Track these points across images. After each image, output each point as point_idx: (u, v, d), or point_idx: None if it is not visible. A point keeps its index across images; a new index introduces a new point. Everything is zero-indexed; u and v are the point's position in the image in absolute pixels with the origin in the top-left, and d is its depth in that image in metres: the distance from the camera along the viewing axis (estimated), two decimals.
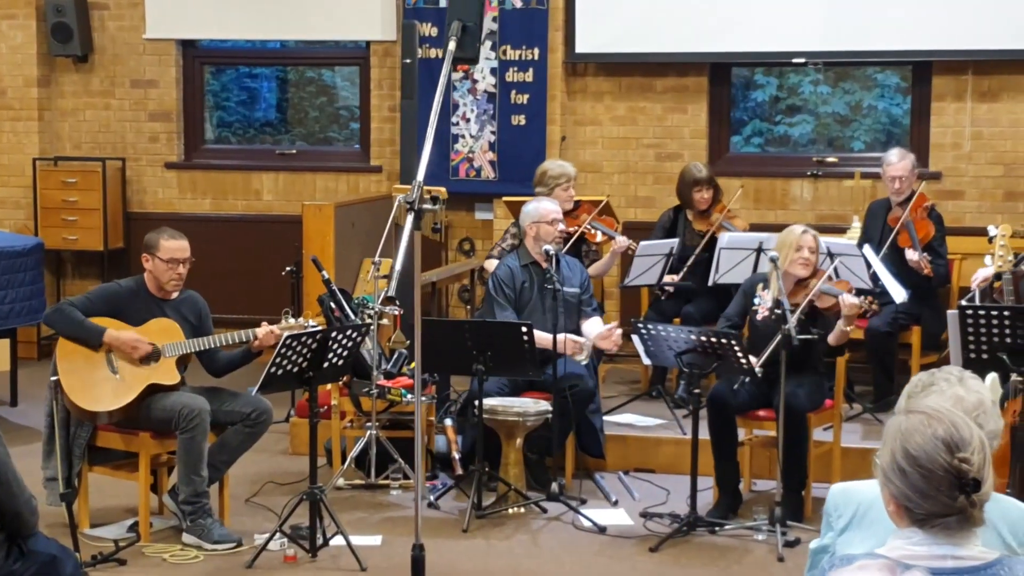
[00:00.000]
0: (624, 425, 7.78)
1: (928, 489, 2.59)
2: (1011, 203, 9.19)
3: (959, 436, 2.61)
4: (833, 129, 10.32)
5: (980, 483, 2.58)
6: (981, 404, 3.34)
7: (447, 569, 5.96)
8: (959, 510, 2.58)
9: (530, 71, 9.73)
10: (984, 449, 2.63)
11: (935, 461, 2.58)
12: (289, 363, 5.89)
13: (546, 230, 7.18)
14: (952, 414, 2.67)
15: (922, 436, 2.62)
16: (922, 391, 3.41)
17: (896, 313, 7.66)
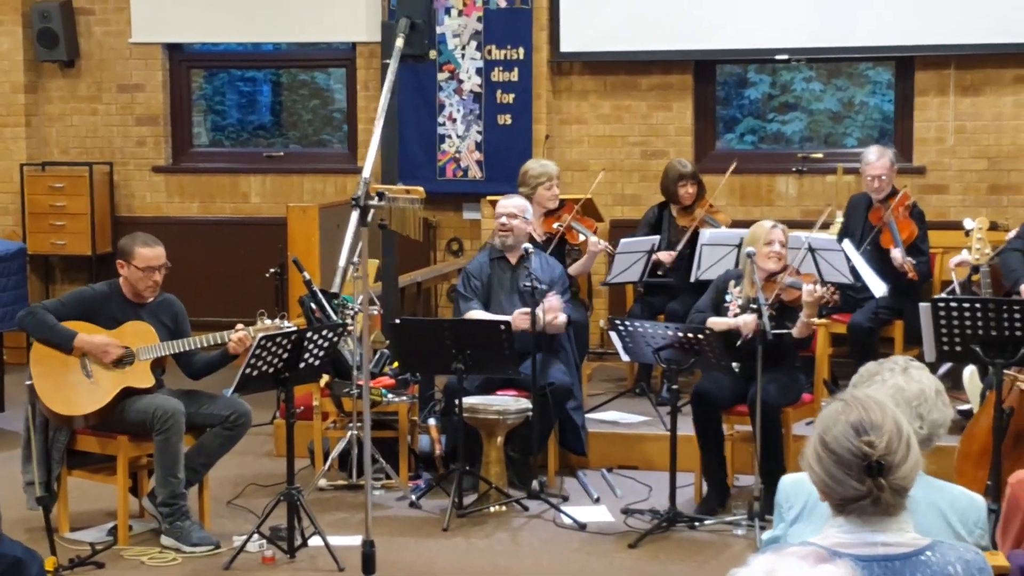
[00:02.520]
0: (608, 422, 7.79)
1: (839, 473, 2.62)
2: (995, 197, 9.19)
3: (868, 420, 2.63)
4: (826, 126, 10.32)
5: (887, 467, 2.60)
6: (922, 394, 3.36)
7: (425, 568, 5.97)
8: (867, 494, 2.60)
9: (515, 71, 9.75)
10: (900, 435, 2.64)
11: (843, 445, 2.62)
12: (264, 364, 5.90)
13: (495, 225, 7.21)
14: (869, 400, 2.70)
15: (836, 422, 2.65)
16: (867, 380, 3.43)
17: (877, 307, 7.66)
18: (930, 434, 3.37)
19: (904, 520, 2.70)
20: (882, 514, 2.65)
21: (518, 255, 7.21)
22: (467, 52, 9.79)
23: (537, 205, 7.98)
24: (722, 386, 6.58)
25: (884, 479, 2.61)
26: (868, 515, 2.65)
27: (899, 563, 2.65)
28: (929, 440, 3.39)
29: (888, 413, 2.69)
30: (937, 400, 3.38)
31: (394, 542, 6.28)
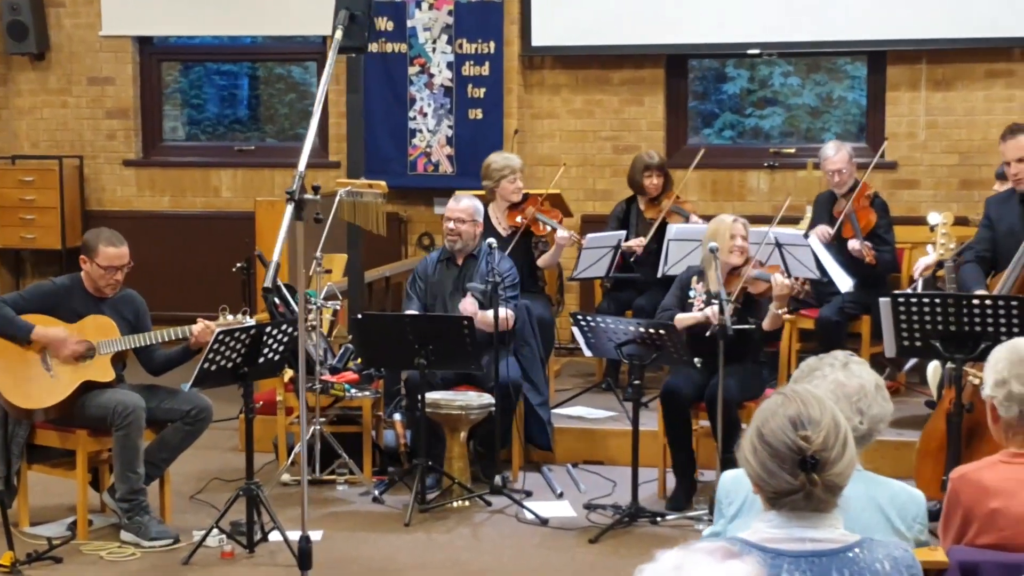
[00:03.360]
0: (574, 418, 7.77)
1: (773, 466, 2.60)
2: (966, 191, 9.19)
3: (806, 415, 2.62)
4: (804, 121, 10.32)
5: (821, 462, 2.58)
6: (862, 389, 3.35)
7: (385, 563, 5.95)
8: (800, 488, 2.59)
9: (486, 65, 9.73)
10: (838, 432, 2.63)
11: (779, 438, 2.60)
12: (222, 358, 5.88)
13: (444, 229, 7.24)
14: (808, 395, 2.68)
15: (774, 416, 2.63)
16: (807, 376, 3.42)
17: (844, 303, 7.66)
18: (870, 429, 3.36)
19: (835, 517, 2.68)
20: (813, 510, 2.64)
21: (464, 256, 7.17)
22: (438, 46, 9.76)
23: (501, 198, 7.96)
24: (690, 382, 6.57)
25: (818, 475, 2.60)
26: (799, 510, 2.64)
27: (826, 559, 2.64)
28: (870, 435, 3.38)
29: (827, 409, 2.67)
30: (877, 395, 3.37)
31: (355, 537, 6.27)
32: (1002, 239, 6.44)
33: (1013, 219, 6.41)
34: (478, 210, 7.31)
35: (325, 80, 4.59)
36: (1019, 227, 6.31)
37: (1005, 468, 3.47)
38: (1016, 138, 6.33)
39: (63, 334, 6.06)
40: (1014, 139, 6.34)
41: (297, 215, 4.32)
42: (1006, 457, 3.51)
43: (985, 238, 6.53)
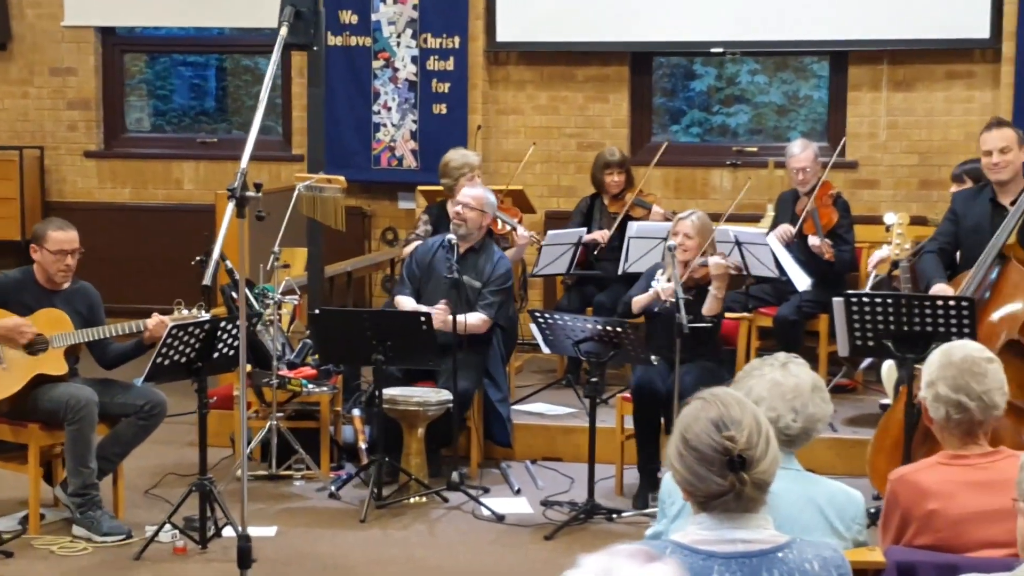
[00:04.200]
0: (534, 414, 7.78)
1: (701, 470, 2.62)
2: (925, 192, 9.24)
3: (728, 416, 2.64)
4: (771, 119, 10.35)
5: (748, 461, 2.60)
6: (797, 388, 3.37)
7: (339, 560, 5.95)
8: (730, 489, 2.60)
9: (451, 60, 9.71)
10: (760, 430, 2.64)
11: (704, 442, 2.62)
12: (176, 353, 5.86)
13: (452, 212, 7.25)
14: (728, 397, 2.70)
15: (696, 420, 2.65)
16: (747, 375, 3.44)
17: (802, 301, 7.69)
18: (805, 428, 3.37)
19: (764, 517, 2.70)
20: (743, 510, 2.65)
21: (468, 246, 7.14)
22: (402, 40, 9.74)
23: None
24: (662, 377, 6.57)
25: (746, 473, 2.62)
26: (730, 511, 2.65)
27: (757, 560, 2.65)
28: (806, 434, 3.39)
29: (747, 408, 2.69)
30: (814, 395, 3.39)
31: (310, 533, 6.27)
32: (967, 236, 6.45)
33: (980, 216, 6.40)
34: (490, 202, 7.25)
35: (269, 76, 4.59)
36: (986, 225, 6.30)
37: (943, 470, 3.49)
38: (1001, 130, 6.34)
39: (16, 322, 6.01)
40: (999, 130, 6.34)
41: (239, 212, 4.28)
42: (944, 459, 3.53)
43: (948, 232, 6.54)
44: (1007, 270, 5.94)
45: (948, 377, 3.50)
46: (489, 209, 7.20)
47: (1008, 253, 5.99)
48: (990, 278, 5.98)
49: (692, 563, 2.66)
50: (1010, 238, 6.02)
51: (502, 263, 7.18)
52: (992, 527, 3.27)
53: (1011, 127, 6.35)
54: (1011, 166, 6.27)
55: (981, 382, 3.49)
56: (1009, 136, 6.26)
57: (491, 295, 7.08)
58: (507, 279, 7.17)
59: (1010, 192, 6.30)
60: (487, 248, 7.18)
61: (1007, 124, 6.39)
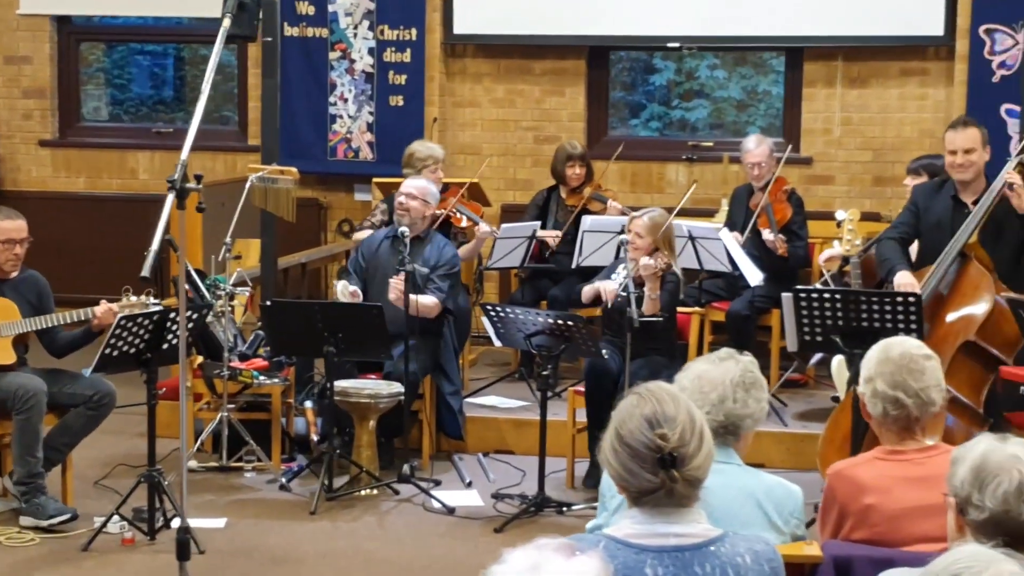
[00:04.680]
0: (487, 407, 7.79)
1: (634, 466, 2.63)
2: (879, 188, 9.30)
3: (662, 413, 2.65)
4: (730, 114, 10.38)
5: (680, 459, 2.62)
6: (716, 382, 3.39)
7: (288, 552, 5.94)
8: (661, 485, 2.62)
9: (408, 52, 9.70)
10: (694, 427, 2.66)
11: (637, 438, 2.63)
12: (125, 344, 5.83)
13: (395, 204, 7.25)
14: (663, 393, 2.71)
15: (631, 416, 2.66)
16: (693, 366, 3.46)
17: (754, 296, 7.72)
18: (728, 422, 3.39)
19: (697, 511, 2.72)
20: (675, 505, 2.67)
21: (412, 235, 7.16)
22: (359, 32, 9.72)
23: None
24: (615, 362, 6.58)
25: (678, 471, 2.63)
26: (662, 507, 2.67)
27: (689, 554, 2.67)
28: (734, 428, 3.41)
29: (682, 405, 2.70)
30: (736, 391, 3.41)
31: (259, 524, 6.26)
32: (928, 231, 6.48)
33: (942, 213, 6.44)
34: (432, 192, 7.30)
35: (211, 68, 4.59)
36: (947, 222, 6.35)
37: (880, 465, 3.52)
38: (967, 130, 6.38)
39: None
40: (964, 130, 6.38)
41: (179, 204, 4.27)
42: (881, 454, 3.56)
43: (908, 222, 6.56)
44: (967, 269, 5.99)
45: (886, 373, 3.53)
46: (431, 199, 7.24)
47: (969, 252, 6.04)
48: (949, 276, 6.03)
49: (626, 557, 2.67)
50: (971, 237, 6.06)
51: (447, 249, 7.22)
52: (927, 522, 3.30)
53: (977, 127, 6.39)
54: (975, 167, 6.32)
55: (919, 379, 3.52)
56: (975, 137, 6.31)
57: (439, 279, 7.09)
58: (454, 264, 7.21)
59: (972, 190, 6.35)
60: (431, 237, 7.20)
61: (973, 123, 6.43)
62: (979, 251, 6.06)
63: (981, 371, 5.81)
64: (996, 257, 6.09)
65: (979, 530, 2.71)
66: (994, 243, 6.16)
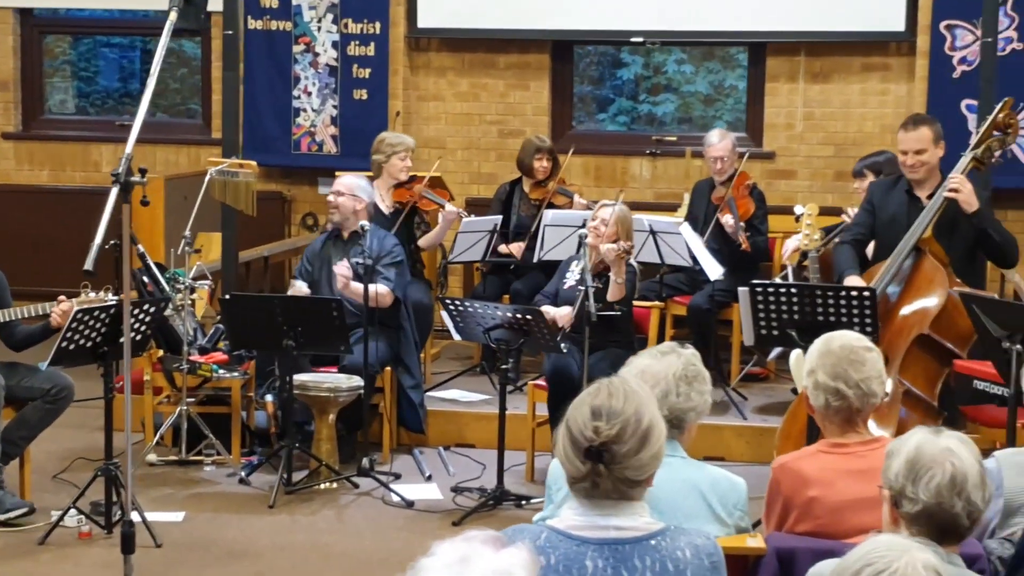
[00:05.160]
0: (448, 400, 7.80)
1: (570, 452, 2.66)
2: (841, 183, 9.33)
3: (607, 406, 2.67)
4: (697, 108, 10.41)
5: (609, 454, 2.63)
6: (658, 376, 3.41)
7: (245, 545, 5.94)
8: (586, 476, 2.64)
9: (372, 45, 9.69)
10: (637, 427, 2.67)
11: (577, 426, 2.66)
12: (81, 337, 5.82)
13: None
14: (619, 386, 2.73)
15: (583, 403, 2.69)
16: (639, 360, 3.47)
17: (715, 290, 7.75)
18: (672, 416, 3.40)
19: (639, 505, 2.73)
20: (603, 497, 2.68)
21: (349, 232, 7.19)
22: (323, 25, 9.71)
23: (388, 175, 7.97)
24: (577, 362, 6.61)
25: (604, 466, 2.64)
26: (593, 498, 2.69)
27: (628, 547, 2.69)
28: (681, 422, 3.43)
29: (632, 403, 2.69)
30: (679, 384, 3.43)
31: (218, 518, 6.26)
32: (884, 228, 6.53)
33: (897, 209, 6.49)
34: (360, 187, 7.32)
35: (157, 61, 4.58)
36: (903, 218, 6.39)
37: (824, 458, 3.55)
38: (918, 130, 6.42)
39: None
40: (916, 130, 6.42)
41: (124, 197, 4.26)
42: (825, 447, 3.59)
43: (864, 222, 6.62)
44: (921, 263, 6.03)
45: (827, 365, 3.56)
46: (361, 194, 7.25)
47: (923, 246, 6.08)
48: (904, 271, 6.07)
49: (567, 549, 2.69)
50: (926, 231, 6.10)
51: (388, 239, 7.26)
52: (869, 514, 3.32)
53: (929, 125, 6.42)
54: (927, 165, 6.37)
55: (859, 370, 3.55)
56: (925, 137, 6.35)
57: (385, 268, 7.10)
58: (398, 253, 7.22)
59: (928, 185, 6.39)
60: (367, 231, 7.18)
61: (925, 122, 6.46)
62: (934, 245, 6.10)
63: (936, 365, 5.85)
64: (951, 251, 6.14)
65: (913, 522, 2.74)
66: (948, 237, 6.21)
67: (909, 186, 6.42)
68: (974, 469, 2.73)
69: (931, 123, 6.44)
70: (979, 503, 2.73)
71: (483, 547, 2.09)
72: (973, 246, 6.37)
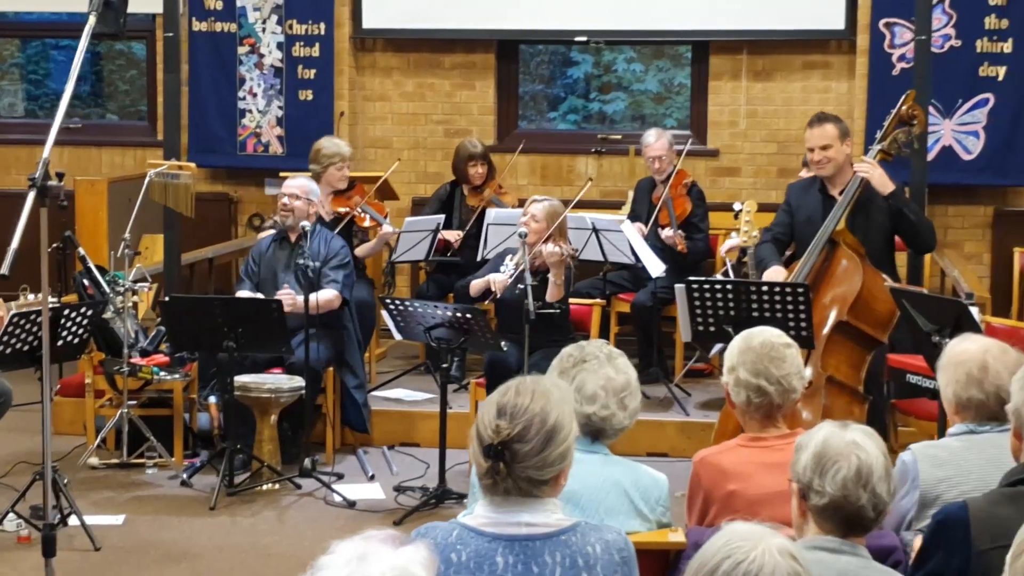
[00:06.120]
0: (393, 400, 7.82)
1: (475, 447, 2.69)
2: (784, 179, 9.35)
3: (514, 404, 2.69)
4: (648, 107, 10.45)
5: (509, 453, 2.66)
6: (628, 385, 3.44)
7: (185, 547, 5.94)
8: (487, 473, 2.67)
9: (317, 46, 9.69)
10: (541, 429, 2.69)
11: (484, 421, 2.69)
12: (18, 341, 5.80)
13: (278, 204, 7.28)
14: (529, 386, 2.75)
15: (491, 401, 2.71)
16: (573, 367, 3.49)
17: (657, 288, 7.80)
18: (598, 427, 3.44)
19: (551, 502, 2.76)
20: (506, 495, 2.71)
21: (297, 234, 7.19)
22: (268, 26, 9.70)
23: (326, 184, 7.95)
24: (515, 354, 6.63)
25: (504, 464, 2.67)
26: (495, 495, 2.72)
27: (539, 543, 2.71)
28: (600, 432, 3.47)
29: (539, 403, 2.71)
30: (637, 388, 3.48)
31: (158, 521, 6.25)
32: (801, 226, 6.62)
33: (813, 207, 6.58)
34: (313, 190, 7.32)
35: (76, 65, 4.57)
36: (818, 216, 6.48)
37: (743, 452, 3.59)
38: (823, 126, 6.50)
39: None
40: (820, 127, 6.50)
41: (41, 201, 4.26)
42: (744, 441, 3.63)
43: (783, 222, 6.71)
44: (837, 254, 6.11)
45: (748, 362, 3.60)
46: (314, 197, 7.24)
47: (837, 238, 6.16)
48: (823, 263, 6.14)
49: (478, 545, 2.71)
50: (839, 224, 6.18)
51: (334, 241, 7.25)
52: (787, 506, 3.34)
53: (833, 122, 6.51)
54: (833, 162, 6.45)
55: (780, 367, 3.59)
56: (830, 133, 6.43)
57: (332, 271, 7.11)
58: (345, 254, 7.22)
59: (838, 183, 6.48)
60: (317, 231, 7.20)
61: (830, 119, 6.55)
62: (848, 237, 6.19)
63: (859, 351, 5.92)
64: (867, 242, 6.23)
65: (820, 515, 2.78)
66: (865, 230, 6.31)
67: (823, 186, 6.51)
68: (879, 462, 2.77)
69: (836, 121, 6.55)
70: (884, 495, 2.77)
71: (381, 545, 2.11)
72: (890, 236, 6.47)
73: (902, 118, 6.46)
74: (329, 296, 7.01)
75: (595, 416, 3.41)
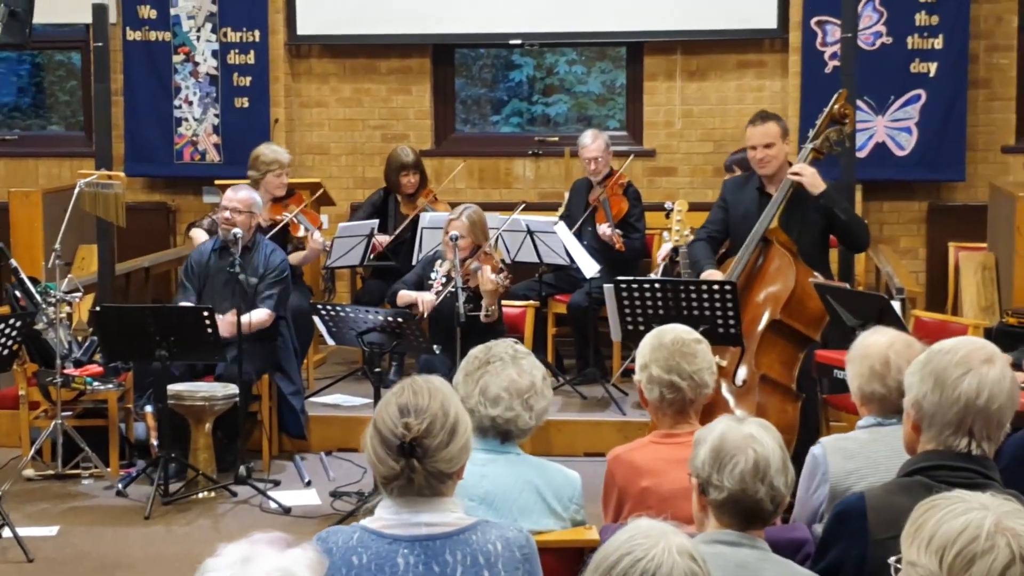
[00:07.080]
0: (330, 406, 7.81)
1: (381, 452, 2.71)
2: (720, 178, 9.40)
3: (414, 403, 2.71)
4: (590, 108, 10.48)
5: (422, 449, 2.68)
6: (533, 386, 3.45)
7: (119, 558, 5.91)
8: (400, 473, 2.68)
9: (252, 53, 9.68)
10: (445, 422, 2.72)
11: (386, 424, 2.70)
12: None
13: (220, 217, 7.21)
14: (423, 384, 2.77)
15: (388, 403, 2.74)
16: (477, 370, 3.50)
17: (592, 288, 7.83)
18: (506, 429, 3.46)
19: (451, 501, 2.78)
20: (416, 494, 2.72)
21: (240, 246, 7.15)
22: (202, 34, 9.67)
23: (265, 191, 7.93)
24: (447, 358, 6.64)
25: (418, 461, 2.69)
26: (407, 495, 2.73)
27: (440, 542, 2.73)
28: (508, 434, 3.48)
29: (437, 399, 2.75)
30: (544, 389, 3.49)
31: (92, 531, 6.22)
32: (736, 224, 6.64)
33: (749, 204, 6.61)
34: (256, 202, 7.28)
35: None
36: (754, 212, 6.51)
37: (656, 448, 3.62)
38: (765, 125, 6.53)
39: None
40: (763, 125, 6.53)
41: None
42: (657, 438, 3.66)
43: (719, 219, 6.73)
44: (770, 253, 6.14)
45: (660, 359, 3.63)
46: (256, 210, 7.22)
47: (771, 237, 6.19)
48: (756, 261, 6.18)
49: (378, 547, 2.73)
50: (772, 223, 6.22)
51: (275, 256, 7.21)
52: None
53: (775, 121, 6.54)
54: (775, 160, 6.48)
55: (692, 362, 3.62)
56: (772, 132, 6.47)
57: (268, 288, 7.08)
58: (283, 270, 7.18)
59: (777, 181, 6.51)
60: (258, 244, 7.19)
61: (772, 118, 6.58)
62: (780, 235, 6.23)
63: (791, 349, 5.96)
64: (800, 241, 6.26)
65: (719, 509, 2.80)
66: (799, 228, 6.34)
67: (760, 183, 6.55)
68: (776, 455, 2.80)
69: (777, 119, 6.57)
70: (782, 488, 2.80)
71: (267, 547, 2.12)
72: (824, 234, 6.51)
73: (834, 117, 6.50)
74: (262, 317, 6.98)
75: (500, 418, 3.42)
